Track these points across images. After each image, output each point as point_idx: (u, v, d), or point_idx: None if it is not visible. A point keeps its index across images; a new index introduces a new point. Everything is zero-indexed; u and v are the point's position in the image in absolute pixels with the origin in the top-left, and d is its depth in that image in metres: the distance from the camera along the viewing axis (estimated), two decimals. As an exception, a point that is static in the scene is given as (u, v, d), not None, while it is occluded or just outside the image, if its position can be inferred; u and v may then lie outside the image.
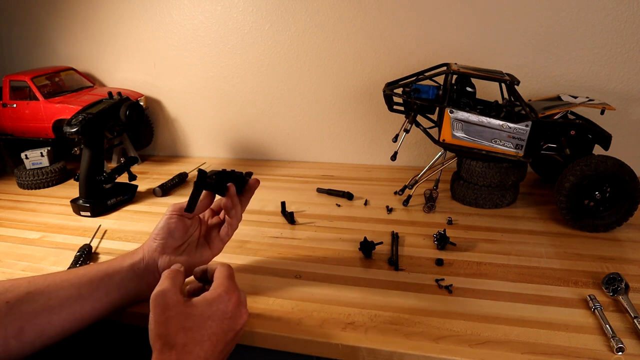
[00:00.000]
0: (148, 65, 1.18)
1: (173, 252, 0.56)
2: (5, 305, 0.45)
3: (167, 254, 0.55)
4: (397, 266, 0.64)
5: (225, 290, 0.45)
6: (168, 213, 0.56)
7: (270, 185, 0.99)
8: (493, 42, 0.94)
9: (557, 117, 0.77)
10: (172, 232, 0.55)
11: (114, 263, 0.54)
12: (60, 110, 1.03)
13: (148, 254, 0.55)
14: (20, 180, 1.02)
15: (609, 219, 0.71)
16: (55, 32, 1.21)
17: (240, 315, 0.45)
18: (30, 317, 0.45)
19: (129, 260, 0.55)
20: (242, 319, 0.46)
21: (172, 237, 0.55)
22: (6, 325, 0.44)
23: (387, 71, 1.02)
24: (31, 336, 0.45)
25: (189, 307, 0.43)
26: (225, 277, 0.47)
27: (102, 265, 0.54)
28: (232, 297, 0.45)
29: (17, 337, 0.44)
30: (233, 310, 0.44)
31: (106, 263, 0.55)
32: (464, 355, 0.47)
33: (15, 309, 0.45)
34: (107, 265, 0.54)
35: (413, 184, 0.87)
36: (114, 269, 0.53)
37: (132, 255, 0.55)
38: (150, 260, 0.55)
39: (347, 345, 0.50)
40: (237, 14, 1.06)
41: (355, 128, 1.10)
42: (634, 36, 0.88)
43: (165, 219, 0.56)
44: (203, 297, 0.44)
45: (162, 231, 0.55)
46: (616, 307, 0.54)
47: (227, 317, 0.44)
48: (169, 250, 0.55)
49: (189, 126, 1.22)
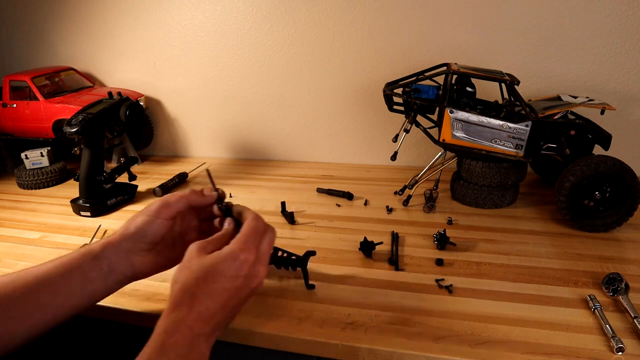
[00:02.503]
0: (148, 65, 1.18)
1: (145, 253, 0.52)
2: None
3: (137, 255, 0.51)
4: (397, 266, 0.64)
5: (241, 248, 0.44)
6: (153, 213, 0.51)
7: (270, 185, 0.99)
8: (493, 42, 0.94)
9: (557, 117, 0.77)
10: (146, 235, 0.51)
11: (73, 264, 0.49)
12: (60, 110, 1.03)
13: (114, 254, 0.50)
14: (20, 180, 1.02)
15: (609, 219, 0.71)
16: (55, 32, 1.21)
17: (255, 275, 0.45)
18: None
19: (90, 262, 0.49)
20: (258, 279, 0.45)
21: (144, 241, 0.51)
22: None
23: (387, 71, 1.02)
24: (0, 344, 0.44)
25: (205, 259, 0.43)
26: (246, 234, 0.46)
27: (62, 266, 0.49)
28: (249, 256, 0.44)
29: None
30: (248, 270, 0.44)
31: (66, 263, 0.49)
32: (464, 355, 0.47)
33: None
34: (67, 266, 0.49)
35: (413, 184, 0.87)
36: (74, 272, 0.48)
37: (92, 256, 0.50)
38: (116, 260, 0.50)
39: (347, 345, 0.50)
40: (237, 14, 1.06)
41: (355, 128, 1.10)
42: (634, 36, 0.88)
43: (147, 220, 0.51)
44: (219, 252, 0.44)
45: (136, 234, 0.51)
46: (616, 307, 0.54)
47: (240, 275, 0.43)
48: (141, 252, 0.52)
49: (189, 126, 1.22)
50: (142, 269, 0.52)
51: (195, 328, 0.40)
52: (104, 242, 0.51)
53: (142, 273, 0.53)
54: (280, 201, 0.84)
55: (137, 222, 0.51)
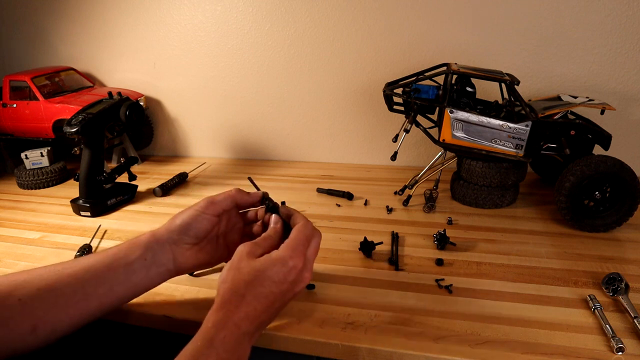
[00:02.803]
0: (148, 65, 1.18)
1: (188, 247, 0.53)
2: (18, 302, 0.44)
3: (180, 248, 0.53)
4: (397, 266, 0.64)
5: (290, 255, 0.45)
6: (200, 209, 0.52)
7: (270, 185, 0.99)
8: (493, 42, 0.94)
9: (557, 117, 0.77)
10: (191, 229, 0.52)
11: (119, 254, 0.51)
12: (60, 110, 1.03)
13: (158, 246, 0.52)
14: (20, 180, 1.02)
15: (609, 219, 0.71)
16: (55, 32, 1.21)
17: (301, 280, 0.46)
18: (41, 315, 0.45)
19: (135, 252, 0.51)
20: (303, 283, 0.47)
21: (188, 234, 0.52)
22: (20, 323, 0.44)
23: (387, 71, 1.02)
24: (45, 332, 0.45)
25: (254, 263, 0.45)
26: (296, 239, 0.47)
27: (108, 257, 0.50)
28: (298, 262, 0.45)
29: (32, 333, 0.44)
30: (295, 275, 0.45)
31: (112, 255, 0.51)
32: (464, 355, 0.47)
33: (27, 306, 0.45)
34: (112, 257, 0.50)
35: (413, 184, 0.87)
36: (118, 263, 0.50)
37: (138, 246, 0.52)
38: (160, 252, 0.52)
39: (347, 345, 0.50)
40: (237, 14, 1.06)
41: (355, 128, 1.10)
42: (634, 36, 0.88)
43: (193, 215, 0.52)
44: (269, 257, 0.45)
45: (181, 227, 0.52)
46: (616, 307, 0.54)
47: (287, 281, 0.45)
48: (184, 245, 0.53)
49: (189, 126, 1.22)
50: (183, 263, 0.53)
51: (243, 326, 0.42)
52: (150, 233, 0.53)
53: (183, 267, 0.54)
54: (280, 201, 0.84)
55: (184, 216, 0.53)
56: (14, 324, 0.43)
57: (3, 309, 0.44)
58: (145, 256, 0.51)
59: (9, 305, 0.44)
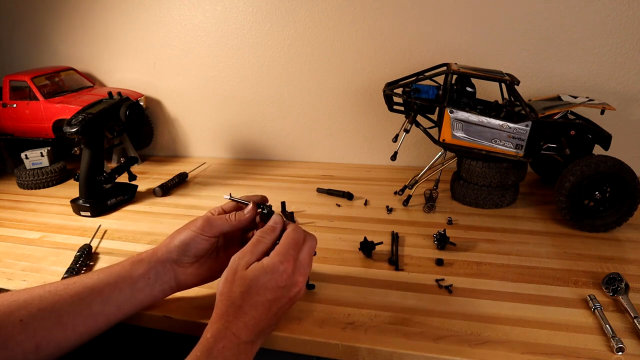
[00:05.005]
0: (148, 65, 1.18)
1: (189, 265, 0.53)
2: (19, 323, 0.44)
3: (181, 266, 0.53)
4: (397, 266, 0.64)
5: (280, 260, 0.46)
6: (198, 230, 0.52)
7: (270, 185, 0.99)
8: (493, 42, 0.94)
9: (557, 117, 0.77)
10: (190, 249, 0.52)
11: (122, 272, 0.51)
12: (60, 110, 1.03)
13: (160, 265, 0.52)
14: (20, 180, 1.02)
15: (609, 219, 0.71)
16: (55, 32, 1.21)
17: (294, 284, 0.47)
18: (44, 334, 0.45)
19: (138, 270, 0.52)
20: (297, 287, 0.47)
21: (187, 255, 0.52)
22: (22, 342, 0.44)
23: (387, 71, 1.02)
24: (49, 350, 0.45)
25: (248, 273, 0.45)
26: (285, 245, 0.47)
27: (112, 275, 0.51)
28: (288, 266, 0.46)
29: (35, 352, 0.44)
30: (287, 280, 0.46)
31: (116, 273, 0.51)
32: (464, 355, 0.47)
33: (29, 326, 0.45)
34: (116, 275, 0.51)
35: (413, 184, 0.87)
36: (124, 281, 0.51)
37: (141, 264, 0.52)
38: (162, 271, 0.52)
39: (347, 345, 0.50)
40: (237, 14, 1.06)
41: (355, 128, 1.10)
42: (634, 36, 0.88)
43: (191, 236, 0.52)
44: (261, 265, 0.46)
45: (179, 248, 0.52)
46: (616, 307, 0.54)
47: (281, 287, 0.45)
48: (184, 264, 0.53)
49: (189, 126, 1.22)
50: (185, 280, 0.54)
51: (242, 336, 0.43)
52: (151, 251, 0.53)
53: (185, 284, 0.55)
54: (280, 201, 0.84)
55: (181, 237, 0.53)
56: (15, 344, 0.44)
57: (4, 329, 0.44)
58: (149, 275, 0.52)
59: (10, 325, 0.44)
